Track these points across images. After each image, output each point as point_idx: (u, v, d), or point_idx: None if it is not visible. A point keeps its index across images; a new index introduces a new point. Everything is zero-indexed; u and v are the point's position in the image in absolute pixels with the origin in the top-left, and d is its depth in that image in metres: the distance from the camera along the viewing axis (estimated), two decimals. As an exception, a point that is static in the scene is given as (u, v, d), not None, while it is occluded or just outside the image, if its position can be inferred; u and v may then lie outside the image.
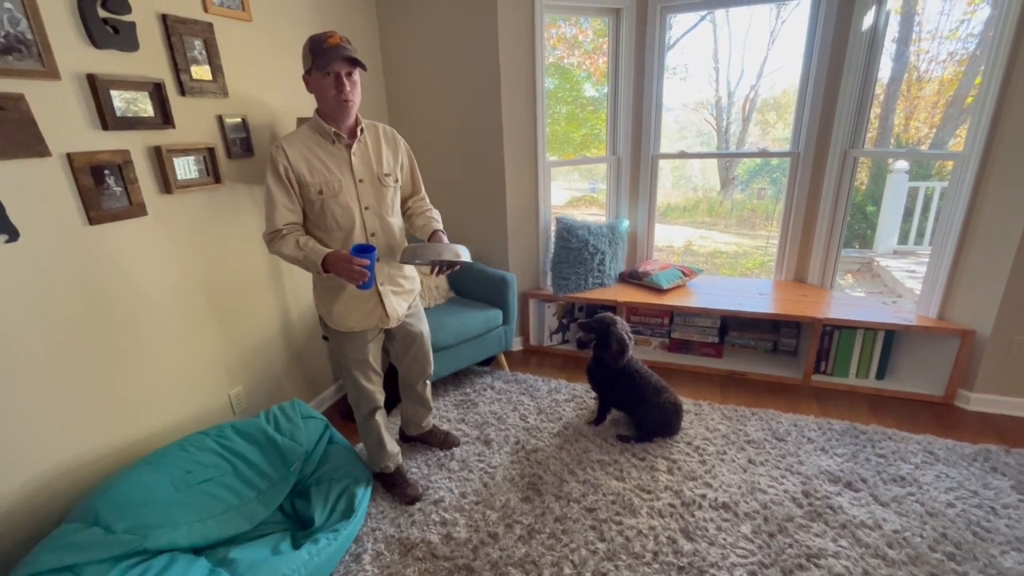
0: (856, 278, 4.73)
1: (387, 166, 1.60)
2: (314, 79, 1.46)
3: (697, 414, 2.34)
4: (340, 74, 1.43)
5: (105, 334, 1.58)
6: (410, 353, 1.88)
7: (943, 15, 4.08)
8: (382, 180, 1.58)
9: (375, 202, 1.57)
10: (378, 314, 1.65)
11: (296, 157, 1.47)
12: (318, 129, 1.51)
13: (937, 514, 1.70)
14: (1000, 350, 2.21)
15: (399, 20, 2.68)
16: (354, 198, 1.53)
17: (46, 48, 1.36)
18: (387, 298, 1.64)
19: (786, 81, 6.45)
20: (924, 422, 2.24)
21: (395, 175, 1.64)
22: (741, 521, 1.72)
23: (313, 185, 1.48)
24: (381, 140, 1.62)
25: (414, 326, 1.82)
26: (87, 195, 1.48)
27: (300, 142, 1.50)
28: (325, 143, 1.51)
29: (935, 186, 4.50)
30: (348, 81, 1.45)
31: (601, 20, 2.94)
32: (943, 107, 4.90)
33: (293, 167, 1.46)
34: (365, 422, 1.84)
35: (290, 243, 1.47)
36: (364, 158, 1.56)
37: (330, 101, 1.46)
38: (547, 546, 1.65)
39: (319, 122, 1.51)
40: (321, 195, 1.49)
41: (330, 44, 1.40)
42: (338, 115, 1.49)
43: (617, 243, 3.06)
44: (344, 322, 1.62)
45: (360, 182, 1.54)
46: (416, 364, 1.93)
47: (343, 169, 1.52)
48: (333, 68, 1.42)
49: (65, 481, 1.51)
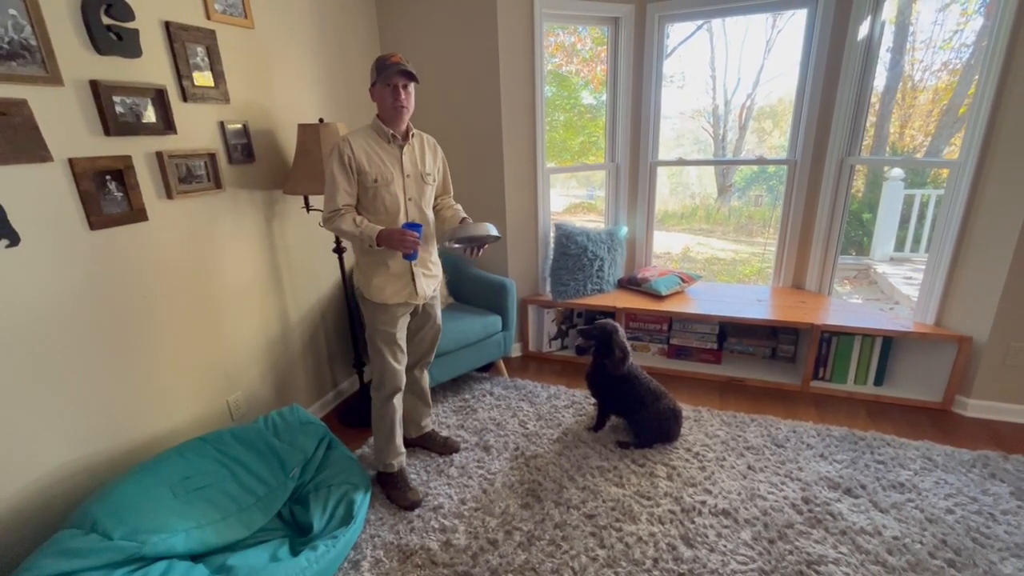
0: (853, 285, 4.75)
1: (429, 167, 1.85)
2: (377, 90, 1.70)
3: (696, 420, 2.34)
4: (398, 85, 1.67)
5: (104, 339, 1.58)
6: (423, 330, 2.04)
7: (936, 25, 4.13)
8: (424, 178, 1.82)
9: (417, 195, 1.81)
10: (409, 290, 1.83)
11: (358, 150, 1.69)
12: (377, 130, 1.74)
13: (937, 520, 1.70)
14: (997, 356, 2.22)
15: (399, 28, 2.70)
16: (401, 189, 1.76)
17: (49, 54, 1.37)
18: (418, 278, 1.84)
19: (782, 90, 6.51)
20: (922, 428, 2.25)
21: (434, 175, 1.88)
22: (741, 527, 1.71)
23: (370, 174, 1.70)
24: (425, 146, 1.86)
25: (434, 308, 2.03)
26: (88, 200, 1.48)
27: (362, 138, 1.72)
28: (382, 142, 1.74)
29: (931, 193, 4.53)
30: (404, 92, 1.68)
31: (599, 29, 2.97)
32: (937, 116, 4.95)
33: (355, 157, 1.68)
34: (384, 405, 1.90)
35: (348, 220, 1.69)
36: (412, 158, 1.80)
37: (388, 107, 1.70)
38: (547, 553, 1.65)
39: (379, 124, 1.74)
40: (376, 184, 1.71)
41: (392, 62, 1.64)
42: (394, 120, 1.72)
43: (616, 249, 3.07)
44: (380, 294, 1.80)
45: (407, 177, 1.78)
46: (424, 342, 2.06)
47: (395, 165, 1.75)
48: (392, 80, 1.66)
49: (62, 487, 1.49)
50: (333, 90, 2.46)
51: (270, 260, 2.18)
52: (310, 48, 2.30)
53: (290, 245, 2.28)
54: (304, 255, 2.37)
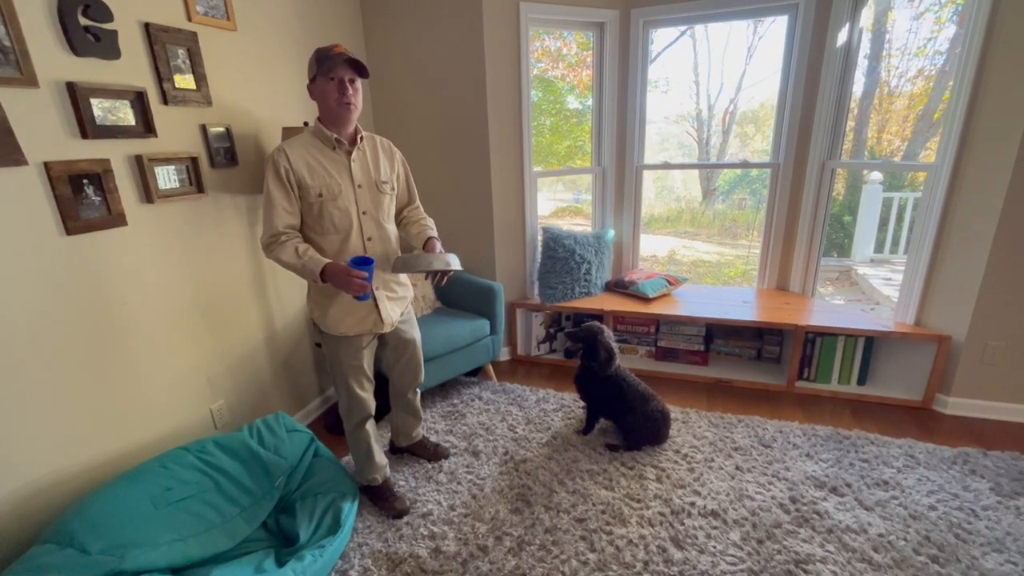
0: (835, 286, 4.84)
1: (384, 174, 1.65)
2: (318, 85, 1.50)
3: (684, 422, 2.35)
4: (344, 79, 1.48)
5: (81, 347, 1.53)
6: (402, 361, 1.88)
7: (911, 33, 4.25)
8: (379, 187, 1.62)
9: (372, 207, 1.61)
10: (372, 319, 1.65)
11: (297, 160, 1.50)
12: (319, 135, 1.55)
13: (920, 517, 1.73)
14: (975, 354, 2.27)
15: (385, 33, 2.69)
16: (352, 202, 1.57)
17: (24, 55, 1.33)
18: (382, 303, 1.66)
19: (764, 95, 6.62)
20: (904, 426, 2.29)
21: (391, 183, 1.68)
22: (730, 528, 1.72)
23: (313, 188, 1.51)
24: (379, 150, 1.67)
25: (407, 332, 1.84)
26: (64, 205, 1.44)
27: (301, 146, 1.53)
28: (326, 149, 1.55)
29: (908, 196, 4.65)
30: (351, 87, 1.49)
31: (585, 34, 3.00)
32: (913, 121, 5.08)
33: (294, 169, 1.49)
34: (355, 432, 1.82)
35: (289, 250, 1.48)
36: (363, 165, 1.60)
37: (332, 106, 1.49)
38: (537, 558, 1.63)
39: (321, 128, 1.54)
40: (320, 198, 1.51)
41: (335, 52, 1.46)
42: (340, 120, 1.52)
43: (603, 252, 3.08)
44: (338, 327, 1.63)
45: (359, 187, 1.58)
46: (408, 372, 1.93)
47: (343, 174, 1.55)
48: (337, 73, 1.47)
49: (38, 500, 1.44)
50: (318, 93, 2.43)
51: (254, 265, 2.14)
52: (294, 51, 2.28)
53: (274, 250, 2.25)
54: (289, 260, 2.33)
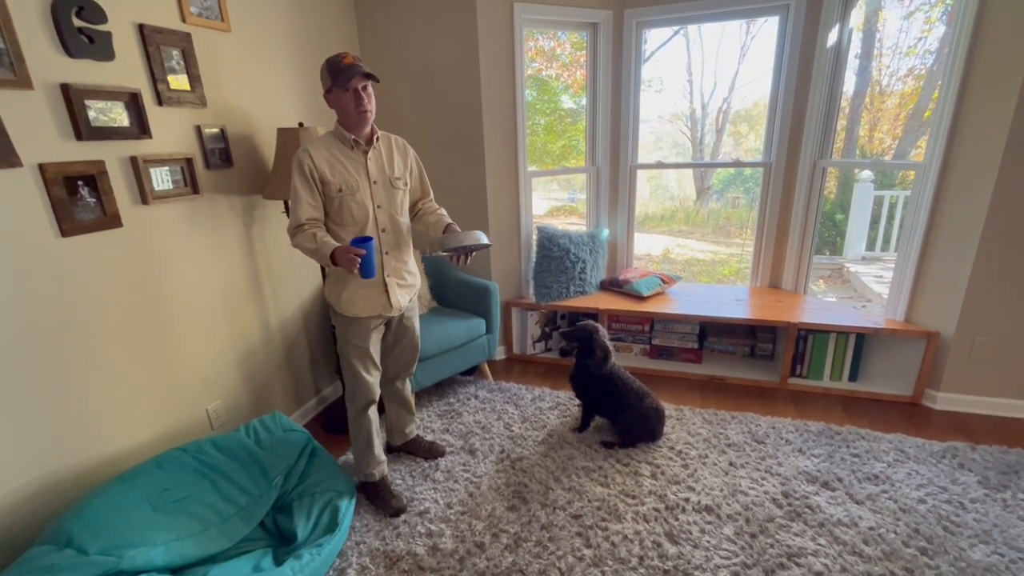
0: (827, 284, 4.88)
1: (398, 171, 1.77)
2: (334, 96, 1.61)
3: (679, 419, 2.38)
4: (358, 89, 1.58)
5: (77, 348, 1.53)
6: (401, 343, 1.97)
7: (902, 32, 4.29)
8: (393, 183, 1.74)
9: (387, 202, 1.73)
10: (382, 302, 1.76)
11: (319, 159, 1.62)
12: (339, 137, 1.67)
13: (909, 510, 1.76)
14: (963, 350, 2.31)
15: (379, 33, 2.70)
16: (368, 197, 1.69)
17: (18, 57, 1.33)
18: (392, 289, 1.77)
19: (757, 94, 6.66)
20: (895, 421, 2.32)
21: (405, 179, 1.80)
22: (724, 523, 1.74)
23: (334, 184, 1.63)
24: (393, 148, 1.78)
25: (410, 320, 1.95)
26: (59, 206, 1.45)
27: (323, 147, 1.65)
28: (345, 149, 1.67)
29: (899, 195, 4.69)
30: (365, 94, 1.60)
31: (578, 34, 3.01)
32: (904, 119, 5.13)
33: (317, 167, 1.61)
34: (358, 417, 1.86)
35: (308, 237, 1.60)
36: (378, 163, 1.72)
37: (351, 114, 1.61)
38: (534, 554, 1.65)
39: (341, 131, 1.66)
40: (340, 193, 1.64)
41: (346, 63, 1.55)
42: (357, 125, 1.65)
43: (597, 251, 3.10)
44: (351, 308, 1.73)
45: (374, 183, 1.70)
46: (404, 356, 2.00)
47: (360, 172, 1.68)
48: (352, 84, 1.56)
49: (36, 502, 1.45)
50: (313, 94, 2.43)
51: (250, 266, 2.15)
52: (289, 52, 2.28)
53: (270, 250, 2.25)
54: (285, 260, 2.34)
